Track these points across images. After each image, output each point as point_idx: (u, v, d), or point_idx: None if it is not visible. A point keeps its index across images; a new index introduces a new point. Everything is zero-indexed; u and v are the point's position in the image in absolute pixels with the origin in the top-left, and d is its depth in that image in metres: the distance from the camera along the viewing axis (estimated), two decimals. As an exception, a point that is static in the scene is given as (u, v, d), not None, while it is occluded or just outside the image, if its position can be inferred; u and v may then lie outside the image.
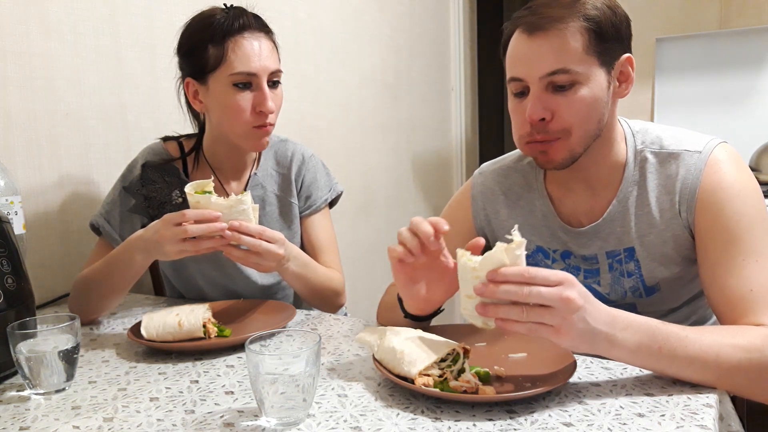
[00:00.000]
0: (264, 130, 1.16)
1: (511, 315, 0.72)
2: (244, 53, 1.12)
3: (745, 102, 2.68)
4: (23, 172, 1.28)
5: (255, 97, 1.14)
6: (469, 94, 3.18)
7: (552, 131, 0.92)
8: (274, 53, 1.17)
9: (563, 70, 0.89)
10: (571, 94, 0.90)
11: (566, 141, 0.92)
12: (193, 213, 0.98)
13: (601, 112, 0.92)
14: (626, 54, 0.93)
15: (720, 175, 0.91)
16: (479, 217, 1.13)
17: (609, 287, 1.04)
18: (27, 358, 0.81)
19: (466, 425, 0.69)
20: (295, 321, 1.13)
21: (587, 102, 0.90)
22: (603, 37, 0.89)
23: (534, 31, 0.90)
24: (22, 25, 1.26)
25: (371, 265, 2.46)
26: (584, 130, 0.92)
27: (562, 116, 0.90)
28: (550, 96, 0.91)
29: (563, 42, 0.88)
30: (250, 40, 1.13)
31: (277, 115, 1.20)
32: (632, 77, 0.94)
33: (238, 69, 1.11)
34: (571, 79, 0.89)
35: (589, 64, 0.90)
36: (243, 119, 1.14)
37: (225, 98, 1.14)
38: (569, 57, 0.88)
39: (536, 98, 0.91)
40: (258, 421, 0.72)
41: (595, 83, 0.90)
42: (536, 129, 0.92)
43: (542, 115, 0.91)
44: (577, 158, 0.94)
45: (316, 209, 1.34)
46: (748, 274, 0.85)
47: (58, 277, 1.34)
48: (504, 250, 0.72)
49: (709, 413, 0.69)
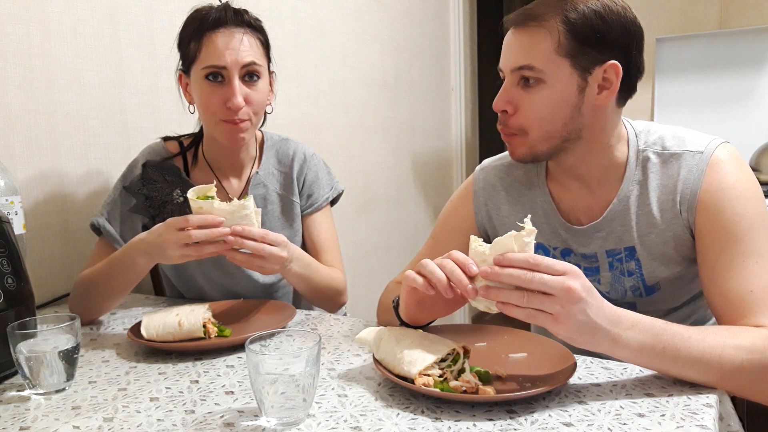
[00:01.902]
0: (236, 126, 1.15)
1: (511, 299, 0.73)
2: (215, 47, 1.12)
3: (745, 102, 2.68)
4: (23, 172, 1.28)
5: (224, 92, 1.13)
6: (469, 94, 3.18)
7: (510, 126, 0.95)
8: (253, 48, 1.15)
9: (528, 67, 0.91)
10: (534, 92, 0.91)
11: (524, 138, 0.94)
12: (196, 218, 0.98)
13: (566, 115, 0.92)
14: (611, 61, 0.90)
15: (721, 176, 0.91)
16: (481, 213, 1.13)
17: (609, 286, 1.04)
18: (27, 358, 0.81)
19: (466, 425, 0.69)
20: (295, 321, 1.13)
21: (547, 102, 0.91)
22: (581, 41, 0.88)
23: (513, 26, 0.93)
24: (22, 25, 1.26)
25: (371, 265, 2.46)
26: (544, 131, 0.93)
27: (523, 113, 0.93)
28: (518, 91, 0.93)
29: (534, 39, 0.90)
30: (225, 34, 1.13)
31: (259, 112, 1.18)
32: (615, 86, 0.91)
33: (207, 63, 1.12)
34: (536, 76, 0.90)
35: (557, 64, 0.89)
36: (211, 113, 1.15)
37: (198, 91, 1.16)
38: (536, 55, 0.90)
39: (504, 90, 0.94)
40: (258, 421, 0.72)
41: (562, 85, 0.90)
42: (500, 120, 0.96)
43: (504, 107, 0.94)
44: (543, 157, 0.96)
45: (318, 208, 1.34)
46: (748, 275, 0.85)
47: (58, 277, 1.34)
48: (514, 237, 0.74)
49: (709, 413, 0.69)
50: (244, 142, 1.19)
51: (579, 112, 0.92)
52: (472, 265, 0.77)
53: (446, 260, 0.79)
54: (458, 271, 0.77)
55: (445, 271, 0.78)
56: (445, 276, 0.78)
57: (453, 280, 0.77)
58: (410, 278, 0.82)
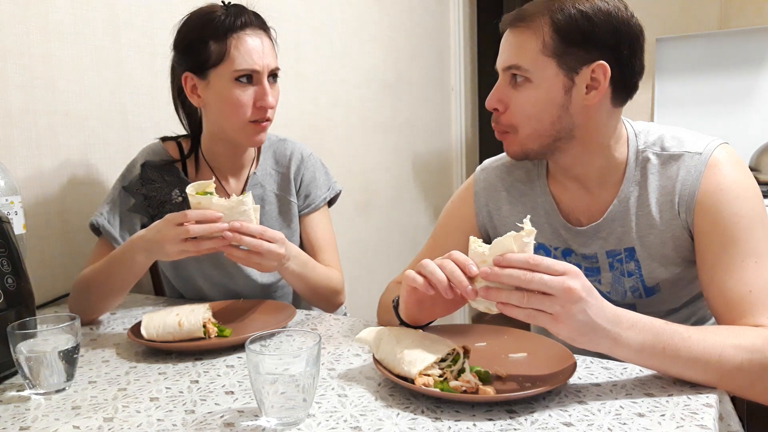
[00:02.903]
0: (262, 125, 1.19)
1: (511, 300, 0.73)
2: (246, 50, 1.14)
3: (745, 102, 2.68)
4: (23, 172, 1.28)
5: (256, 93, 1.16)
6: (469, 94, 3.18)
7: (501, 123, 0.97)
8: (273, 50, 1.20)
9: (516, 66, 0.93)
10: (522, 92, 0.93)
11: (515, 136, 0.96)
12: (195, 213, 0.98)
13: (554, 114, 0.92)
14: (599, 61, 0.89)
15: (720, 177, 0.91)
16: (482, 214, 1.13)
17: (610, 286, 1.04)
18: (27, 358, 0.81)
19: (466, 425, 0.69)
20: (295, 321, 1.13)
21: (533, 102, 0.92)
22: (566, 41, 0.89)
23: (505, 26, 0.96)
24: (22, 25, 1.26)
25: (371, 265, 2.46)
26: (532, 129, 0.94)
27: (512, 111, 0.95)
28: (509, 89, 0.95)
29: (522, 40, 0.92)
30: (252, 36, 1.15)
31: (274, 111, 1.21)
32: (603, 86, 0.90)
33: (241, 65, 1.13)
34: (523, 76, 0.92)
35: (543, 65, 0.91)
36: (242, 113, 1.16)
37: (227, 93, 1.15)
38: (523, 55, 0.92)
39: (496, 88, 0.97)
40: (258, 421, 0.72)
41: (548, 85, 0.91)
42: (493, 118, 0.98)
43: (495, 106, 0.96)
44: (535, 155, 0.97)
45: (315, 208, 1.35)
46: (748, 276, 0.85)
47: (58, 277, 1.34)
48: (513, 237, 0.74)
49: (709, 413, 0.69)
50: (263, 141, 1.22)
51: (567, 111, 0.93)
52: (472, 266, 0.77)
53: (446, 261, 0.79)
54: (458, 272, 0.77)
55: (446, 272, 0.78)
56: (446, 277, 0.78)
57: (453, 281, 0.77)
58: (410, 278, 0.82)
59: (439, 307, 0.90)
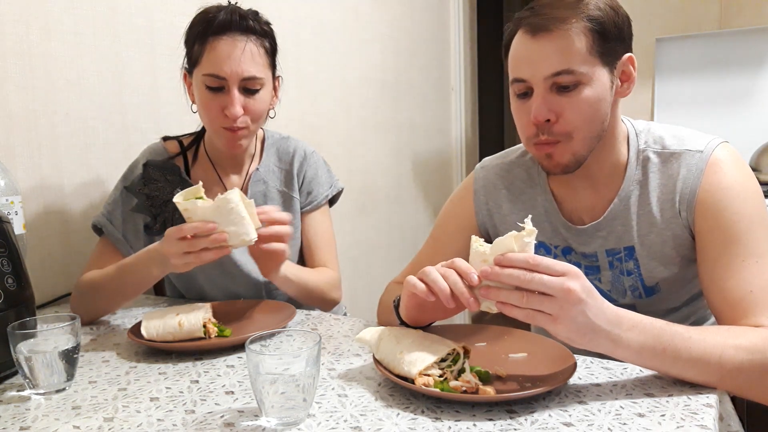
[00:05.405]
0: (236, 133, 1.16)
1: (511, 299, 0.73)
2: (216, 55, 1.12)
3: (745, 102, 2.67)
4: (23, 172, 1.28)
5: (223, 100, 1.13)
6: (469, 94, 3.17)
7: (556, 133, 0.92)
8: (255, 59, 1.14)
9: (568, 71, 0.89)
10: (576, 95, 0.90)
11: (569, 143, 0.92)
12: (189, 228, 0.96)
13: (605, 112, 0.93)
14: (628, 53, 0.93)
15: (720, 176, 0.91)
16: (481, 212, 1.13)
17: (610, 285, 1.04)
18: (27, 358, 0.81)
19: (466, 425, 0.69)
20: (295, 321, 1.13)
21: (591, 102, 0.90)
22: (606, 38, 0.89)
23: (538, 32, 0.90)
24: (22, 25, 1.26)
25: (371, 265, 2.46)
26: (588, 131, 0.92)
27: (567, 117, 0.90)
28: (555, 97, 0.91)
29: (567, 43, 0.88)
30: (227, 43, 1.12)
31: (258, 120, 1.18)
32: (634, 76, 0.94)
33: (208, 70, 1.12)
34: (576, 79, 0.89)
35: (592, 64, 0.90)
36: (211, 118, 1.16)
37: (199, 95, 1.17)
38: (573, 58, 0.88)
39: (541, 99, 0.91)
40: (258, 421, 0.72)
41: (598, 83, 0.90)
42: (541, 130, 0.92)
43: (547, 116, 0.91)
44: (582, 161, 0.95)
45: (317, 205, 1.35)
46: (748, 275, 0.85)
47: (58, 277, 1.34)
48: (514, 237, 0.74)
49: (709, 413, 0.69)
50: (242, 148, 1.20)
51: (611, 108, 0.94)
52: (473, 275, 0.76)
53: (449, 270, 0.79)
54: (461, 283, 0.77)
55: (448, 282, 0.78)
56: (448, 287, 0.78)
57: (456, 292, 0.77)
58: (411, 284, 0.82)
59: (440, 310, 0.90)
